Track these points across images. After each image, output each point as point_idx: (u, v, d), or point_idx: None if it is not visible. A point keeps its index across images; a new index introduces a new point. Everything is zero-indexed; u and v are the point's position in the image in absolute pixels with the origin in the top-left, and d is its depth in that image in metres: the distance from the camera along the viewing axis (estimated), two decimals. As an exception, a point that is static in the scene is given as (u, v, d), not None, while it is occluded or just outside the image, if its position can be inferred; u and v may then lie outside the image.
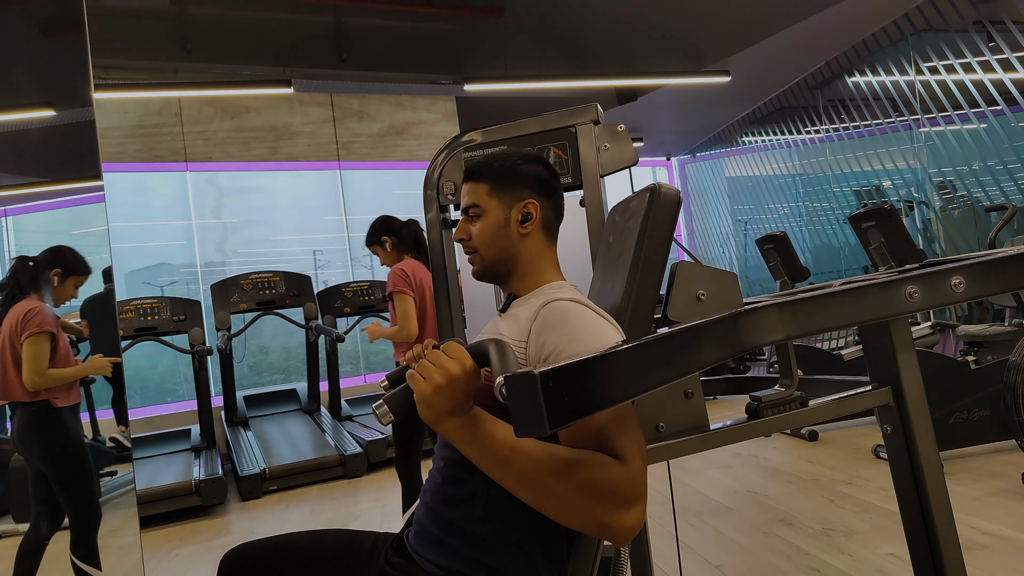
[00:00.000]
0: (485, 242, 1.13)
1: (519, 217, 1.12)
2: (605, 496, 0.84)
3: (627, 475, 0.85)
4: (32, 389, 2.02)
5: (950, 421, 3.14)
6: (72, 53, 1.84)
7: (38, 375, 2.01)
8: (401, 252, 2.88)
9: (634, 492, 0.84)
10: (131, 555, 2.07)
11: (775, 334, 0.95)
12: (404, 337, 2.70)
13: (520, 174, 1.14)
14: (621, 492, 0.84)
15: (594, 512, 0.83)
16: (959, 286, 1.07)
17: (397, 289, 2.72)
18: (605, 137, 1.75)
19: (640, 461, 0.87)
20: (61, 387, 2.08)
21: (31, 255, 2.08)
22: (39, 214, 2.12)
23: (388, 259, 2.90)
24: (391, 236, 2.87)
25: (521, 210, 1.12)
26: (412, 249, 2.89)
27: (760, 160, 8.24)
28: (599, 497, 0.83)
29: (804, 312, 0.98)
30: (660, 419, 1.16)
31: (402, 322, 2.69)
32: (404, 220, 2.92)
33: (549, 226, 1.16)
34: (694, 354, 0.81)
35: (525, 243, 1.13)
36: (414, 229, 2.90)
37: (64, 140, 1.99)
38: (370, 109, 6.52)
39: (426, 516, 1.05)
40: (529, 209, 1.12)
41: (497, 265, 1.14)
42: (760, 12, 5.47)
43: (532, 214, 1.12)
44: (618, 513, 0.83)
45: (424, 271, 2.85)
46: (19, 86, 1.93)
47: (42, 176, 2.09)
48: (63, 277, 2.09)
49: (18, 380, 2.01)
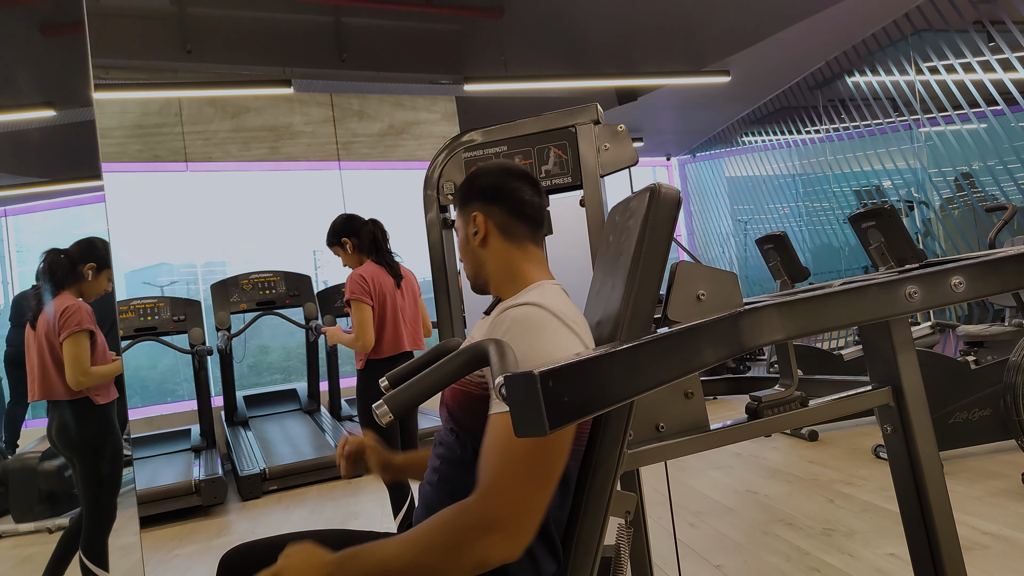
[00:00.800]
0: (462, 259, 1.22)
1: (473, 231, 1.17)
2: (458, 538, 0.86)
3: (476, 506, 0.87)
4: (77, 388, 2.00)
5: (950, 421, 3.14)
6: (72, 53, 1.84)
7: (82, 374, 1.99)
8: (362, 254, 2.75)
9: (487, 519, 0.86)
10: (131, 555, 2.07)
11: (775, 334, 0.95)
12: (360, 347, 2.61)
13: (472, 189, 1.18)
14: (474, 527, 0.86)
15: (459, 557, 0.86)
16: (959, 286, 1.06)
17: (355, 297, 2.61)
18: (605, 137, 1.75)
19: (506, 491, 0.87)
20: (101, 384, 2.06)
21: (63, 248, 2.03)
22: (39, 214, 2.12)
23: (349, 261, 2.78)
24: (352, 237, 2.74)
25: (472, 224, 1.17)
26: (371, 251, 2.76)
27: (760, 160, 8.24)
28: (456, 543, 0.86)
29: (804, 312, 0.98)
30: (660, 419, 1.16)
31: (358, 332, 2.59)
32: (365, 220, 2.78)
33: (508, 229, 1.16)
34: (694, 354, 0.81)
35: (487, 253, 1.17)
36: (372, 230, 2.76)
37: (64, 140, 1.99)
38: (370, 109, 6.52)
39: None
40: (476, 222, 1.16)
41: (476, 277, 1.20)
42: (760, 12, 5.47)
43: (480, 226, 1.16)
44: (479, 545, 0.85)
45: (385, 276, 2.72)
46: (19, 86, 1.93)
47: (42, 176, 2.09)
48: (97, 271, 2.05)
49: (59, 379, 1.99)
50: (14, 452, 2.33)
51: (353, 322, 2.62)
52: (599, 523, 0.98)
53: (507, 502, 0.86)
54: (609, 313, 1.07)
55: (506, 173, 1.18)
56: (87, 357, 2.00)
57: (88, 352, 2.00)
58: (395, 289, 2.77)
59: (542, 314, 0.99)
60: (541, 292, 1.09)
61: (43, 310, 2.03)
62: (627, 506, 1.02)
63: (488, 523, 0.86)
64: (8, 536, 2.10)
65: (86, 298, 2.08)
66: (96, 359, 2.03)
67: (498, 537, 0.85)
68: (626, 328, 1.04)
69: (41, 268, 2.02)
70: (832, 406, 1.24)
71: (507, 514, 0.86)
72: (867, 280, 1.05)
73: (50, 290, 2.03)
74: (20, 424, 2.38)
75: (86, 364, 1.99)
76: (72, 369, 1.98)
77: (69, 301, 2.02)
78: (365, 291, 2.63)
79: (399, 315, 2.76)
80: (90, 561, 2.06)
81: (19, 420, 2.39)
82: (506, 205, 1.17)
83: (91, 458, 2.09)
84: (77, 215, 2.13)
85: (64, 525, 2.13)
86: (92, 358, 2.02)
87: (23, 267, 2.24)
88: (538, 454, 0.88)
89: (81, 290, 2.07)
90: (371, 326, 2.62)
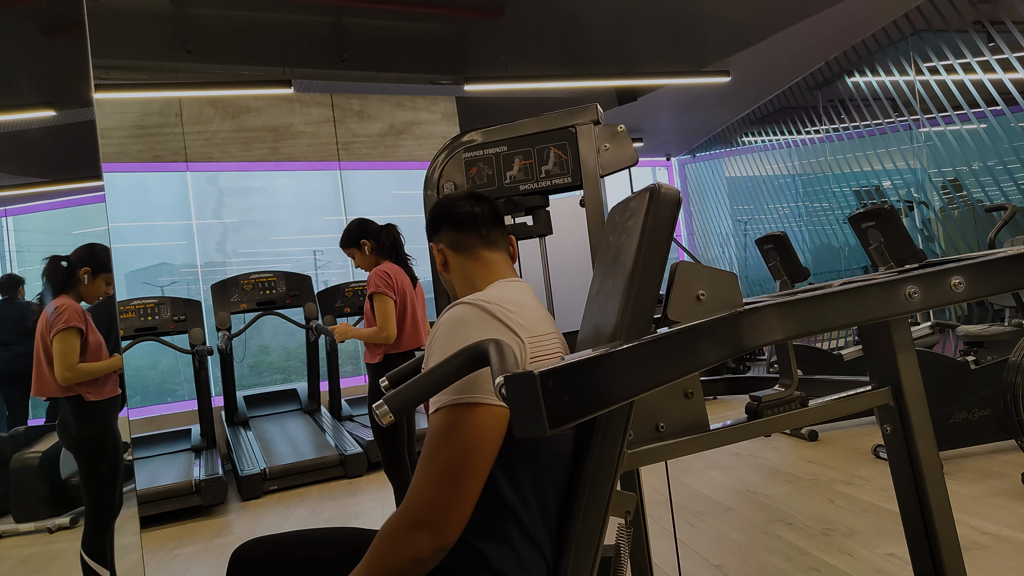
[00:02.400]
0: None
1: (440, 261, 1.28)
2: (391, 543, 0.93)
3: (401, 509, 0.94)
4: (63, 383, 2.07)
5: (950, 421, 3.14)
6: (72, 53, 1.84)
7: (68, 370, 2.06)
8: (379, 256, 2.89)
9: (409, 518, 0.92)
10: (131, 555, 2.08)
11: (775, 334, 0.95)
12: (384, 338, 2.72)
13: (428, 228, 1.30)
14: (401, 529, 0.93)
15: (397, 562, 0.92)
16: (959, 286, 1.07)
17: (380, 291, 2.74)
18: (605, 137, 1.75)
19: (423, 490, 0.93)
20: (93, 382, 2.13)
21: (64, 254, 2.12)
22: (39, 214, 2.13)
23: (365, 262, 2.92)
24: (369, 239, 2.89)
25: (437, 256, 1.29)
26: (391, 253, 2.91)
27: (760, 160, 8.24)
28: (391, 549, 0.92)
29: (804, 312, 0.98)
30: (660, 419, 1.16)
31: (382, 323, 2.72)
32: (382, 224, 2.94)
33: (458, 245, 1.26)
34: (694, 354, 0.81)
35: (453, 275, 1.27)
36: (393, 233, 2.93)
37: (64, 140, 1.99)
38: (370, 109, 6.52)
39: None
40: (435, 252, 1.29)
41: (454, 300, 1.27)
42: (760, 12, 5.47)
43: (438, 255, 1.28)
44: (408, 544, 0.91)
45: (403, 275, 2.87)
46: (19, 86, 1.93)
47: (42, 176, 2.09)
48: (93, 274, 2.13)
49: (51, 376, 2.07)
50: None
51: (377, 315, 2.74)
52: (599, 523, 0.98)
53: (425, 500, 0.92)
54: (609, 313, 1.07)
55: (445, 200, 1.29)
56: (74, 353, 2.07)
57: (75, 349, 2.07)
58: (412, 288, 2.92)
59: (468, 310, 1.04)
60: (488, 290, 1.15)
61: (43, 311, 2.10)
62: (627, 506, 1.02)
63: (411, 522, 0.92)
64: (8, 536, 2.10)
65: (86, 300, 2.15)
66: (88, 357, 2.10)
67: (422, 533, 0.91)
68: (626, 329, 1.04)
69: (42, 274, 2.12)
70: (832, 406, 1.24)
71: (426, 511, 0.92)
72: (867, 280, 1.05)
73: (50, 293, 2.11)
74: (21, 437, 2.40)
75: (72, 360, 2.06)
76: (59, 364, 2.05)
77: (61, 301, 2.10)
78: (389, 285, 2.75)
79: (416, 313, 2.90)
80: (91, 557, 2.09)
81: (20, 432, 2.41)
82: (449, 224, 1.26)
83: (88, 454, 2.14)
84: (77, 215, 2.14)
85: (64, 525, 2.13)
86: (84, 356, 2.09)
87: (23, 267, 2.26)
88: (455, 454, 0.94)
89: (79, 293, 2.14)
90: (394, 319, 2.74)
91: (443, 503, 0.92)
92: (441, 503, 0.92)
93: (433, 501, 0.92)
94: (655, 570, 1.87)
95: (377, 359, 2.79)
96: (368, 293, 2.78)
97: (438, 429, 0.95)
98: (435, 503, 0.92)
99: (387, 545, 0.93)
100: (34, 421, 2.30)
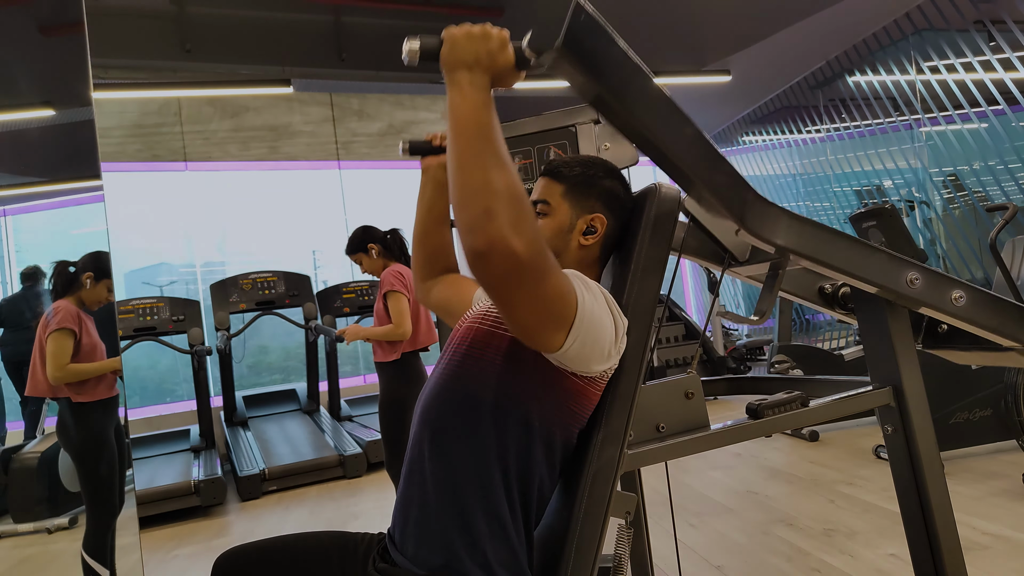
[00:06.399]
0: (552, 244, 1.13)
1: (584, 227, 1.12)
2: (513, 207, 0.82)
3: (530, 227, 0.83)
4: (53, 383, 2.10)
5: (951, 421, 3.14)
6: (72, 53, 1.84)
7: (58, 370, 2.09)
8: (387, 259, 2.95)
9: (521, 228, 0.81)
10: (131, 555, 2.08)
11: (775, 235, 1.02)
12: (400, 335, 2.76)
13: (597, 186, 1.13)
14: (522, 218, 0.82)
15: (492, 207, 0.81)
16: (958, 300, 1.09)
17: (394, 289, 2.78)
18: (605, 136, 1.74)
19: (545, 261, 0.85)
20: (85, 383, 2.15)
21: (71, 260, 2.18)
22: (39, 214, 2.14)
23: (373, 266, 2.96)
24: (376, 243, 2.95)
25: (588, 221, 1.12)
26: (399, 255, 2.97)
27: (760, 160, 8.24)
28: (510, 203, 0.82)
29: (810, 234, 1.04)
30: (660, 419, 1.16)
31: (398, 320, 2.76)
32: (387, 229, 3.01)
33: (608, 244, 1.14)
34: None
35: (580, 253, 1.12)
36: (400, 237, 3.01)
37: (64, 140, 1.99)
38: (370, 109, 6.52)
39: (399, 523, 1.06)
40: (595, 224, 1.12)
41: None
42: (760, 12, 5.47)
43: (597, 228, 1.12)
44: (506, 227, 0.80)
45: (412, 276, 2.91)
46: (19, 86, 1.93)
47: (42, 176, 2.10)
48: (95, 280, 2.17)
49: (43, 376, 2.10)
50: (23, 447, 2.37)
51: (392, 312, 2.78)
52: (599, 524, 0.98)
53: (541, 249, 0.85)
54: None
55: (626, 188, 1.18)
56: (65, 354, 2.10)
57: (67, 350, 2.10)
58: None
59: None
60: None
61: (44, 313, 2.14)
62: (627, 507, 1.02)
63: (515, 225, 0.82)
64: (8, 536, 2.10)
65: (88, 305, 2.19)
66: (81, 358, 2.13)
67: (521, 239, 0.81)
68: (627, 327, 1.03)
69: (50, 278, 2.18)
70: (833, 406, 1.23)
71: (524, 240, 0.81)
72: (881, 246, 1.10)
73: (53, 296, 2.15)
74: (36, 418, 2.42)
75: (64, 360, 2.09)
76: (50, 364, 2.08)
77: (61, 304, 2.14)
78: (403, 284, 2.80)
79: (427, 311, 2.94)
80: (92, 557, 2.10)
81: (36, 415, 2.44)
82: (621, 220, 1.16)
83: (83, 456, 2.16)
84: (77, 215, 2.15)
85: (63, 525, 2.14)
86: (76, 357, 2.12)
87: (23, 267, 2.26)
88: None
89: (81, 297, 2.18)
90: (409, 316, 2.78)
91: (531, 246, 0.82)
92: (529, 244, 0.82)
93: (533, 245, 0.83)
94: (655, 571, 1.87)
95: (394, 356, 2.80)
96: (383, 292, 2.82)
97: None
98: (532, 244, 0.83)
99: (509, 205, 0.82)
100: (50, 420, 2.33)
